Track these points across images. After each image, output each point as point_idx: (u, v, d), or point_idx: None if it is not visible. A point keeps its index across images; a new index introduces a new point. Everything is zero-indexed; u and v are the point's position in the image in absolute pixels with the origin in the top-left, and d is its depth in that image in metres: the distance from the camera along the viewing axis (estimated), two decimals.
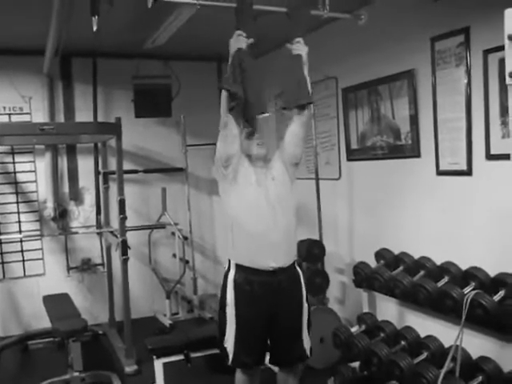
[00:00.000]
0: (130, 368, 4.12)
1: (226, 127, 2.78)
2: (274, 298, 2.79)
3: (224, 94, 2.76)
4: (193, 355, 3.61)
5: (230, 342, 2.83)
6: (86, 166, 5.39)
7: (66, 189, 5.35)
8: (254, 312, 2.78)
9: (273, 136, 5.04)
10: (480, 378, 2.85)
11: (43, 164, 5.15)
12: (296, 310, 2.91)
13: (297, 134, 2.94)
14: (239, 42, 2.79)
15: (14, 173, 5.12)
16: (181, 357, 3.59)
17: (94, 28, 3.02)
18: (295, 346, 2.91)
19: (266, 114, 3.18)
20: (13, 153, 5.10)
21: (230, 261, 2.91)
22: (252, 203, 2.80)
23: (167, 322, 5.21)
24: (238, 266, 2.84)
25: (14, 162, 5.12)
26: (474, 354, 3.03)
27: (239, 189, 2.83)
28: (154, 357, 3.55)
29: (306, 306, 2.95)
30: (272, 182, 2.85)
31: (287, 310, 2.86)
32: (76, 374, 3.78)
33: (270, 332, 2.87)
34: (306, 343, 2.95)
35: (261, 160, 2.91)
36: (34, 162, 5.19)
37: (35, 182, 5.19)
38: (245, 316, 2.79)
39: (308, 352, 2.97)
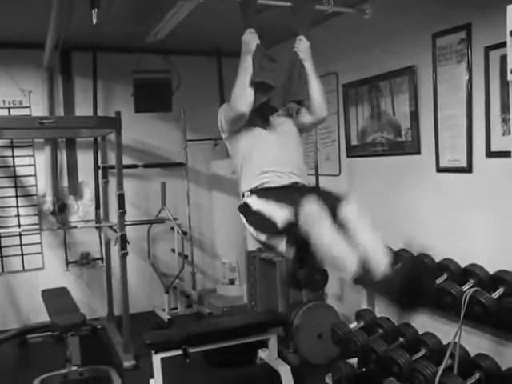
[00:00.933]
0: (128, 363, 4.12)
1: (239, 121, 2.78)
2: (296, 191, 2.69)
3: (251, 88, 2.74)
4: (191, 350, 3.61)
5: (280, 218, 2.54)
6: (85, 160, 5.38)
7: (65, 183, 5.34)
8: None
9: None
10: (478, 376, 2.85)
11: (42, 158, 5.14)
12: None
13: (305, 123, 3.04)
14: (254, 38, 2.81)
15: (14, 166, 5.11)
16: (179, 352, 3.59)
17: (94, 21, 3.01)
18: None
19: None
20: (12, 146, 5.09)
21: (244, 194, 2.82)
22: (261, 141, 2.84)
23: (166, 316, 5.21)
24: (256, 190, 2.76)
25: (13, 156, 5.11)
26: (472, 351, 3.03)
27: (247, 134, 2.85)
28: (153, 351, 3.55)
29: None
30: (279, 126, 2.92)
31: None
32: (74, 368, 3.79)
33: None
34: None
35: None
36: (33, 155, 5.18)
37: (34, 175, 5.19)
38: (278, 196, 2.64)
39: None
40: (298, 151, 2.96)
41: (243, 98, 2.72)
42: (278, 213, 2.50)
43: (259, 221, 2.61)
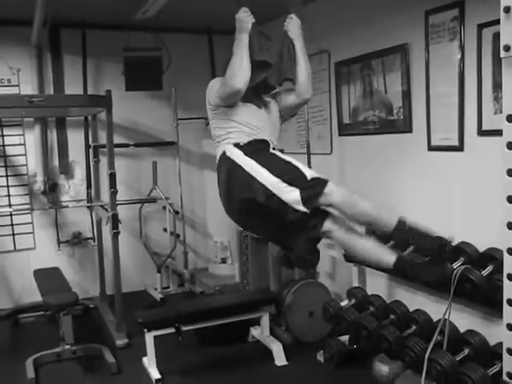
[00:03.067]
0: (120, 341, 4.14)
1: (234, 97, 2.78)
2: None
3: (248, 66, 2.73)
4: (184, 328, 3.64)
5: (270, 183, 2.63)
6: (76, 139, 5.33)
7: (55, 162, 5.30)
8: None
9: None
10: (467, 351, 2.89)
11: (32, 137, 5.10)
12: None
13: (290, 105, 3.05)
14: (249, 16, 2.79)
15: (3, 146, 5.06)
16: (172, 330, 3.62)
17: None
18: None
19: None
20: (1, 126, 5.03)
21: (225, 151, 2.87)
22: (250, 113, 2.89)
23: (158, 295, 5.23)
24: (238, 144, 2.83)
25: (2, 135, 5.05)
26: (462, 327, 3.08)
27: (237, 107, 2.88)
28: (145, 330, 3.58)
29: None
30: (268, 106, 3.02)
31: None
32: (67, 347, 3.81)
33: None
34: None
35: None
36: (23, 135, 5.13)
37: (25, 155, 5.14)
38: (263, 158, 2.74)
39: None
40: (277, 133, 3.06)
41: (240, 75, 2.70)
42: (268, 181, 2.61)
43: (248, 186, 2.68)
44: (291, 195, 2.57)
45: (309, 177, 2.62)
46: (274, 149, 2.87)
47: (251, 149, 2.76)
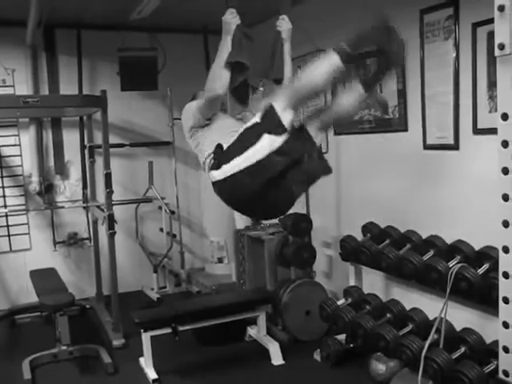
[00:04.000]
0: (117, 341, 4.14)
1: (215, 103, 2.75)
2: None
3: (227, 69, 2.70)
4: (180, 328, 3.64)
5: None
6: (71, 139, 5.32)
7: (51, 163, 5.29)
8: None
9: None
10: (463, 349, 2.90)
11: (28, 138, 5.08)
12: None
13: None
14: (235, 18, 2.78)
15: None
16: (168, 330, 3.62)
17: None
18: None
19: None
20: None
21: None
22: (227, 130, 2.69)
23: (155, 295, 5.22)
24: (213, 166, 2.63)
25: None
26: (458, 325, 3.08)
27: (214, 126, 2.79)
28: (142, 330, 3.58)
29: None
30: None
31: None
32: (64, 347, 3.80)
33: None
34: None
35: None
36: (18, 135, 5.11)
37: (20, 156, 5.13)
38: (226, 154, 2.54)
39: None
40: None
41: (218, 80, 2.69)
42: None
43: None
44: (263, 144, 2.33)
45: (259, 120, 2.39)
46: None
47: (218, 155, 2.60)
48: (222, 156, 2.55)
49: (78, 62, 5.26)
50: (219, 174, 2.52)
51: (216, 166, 2.56)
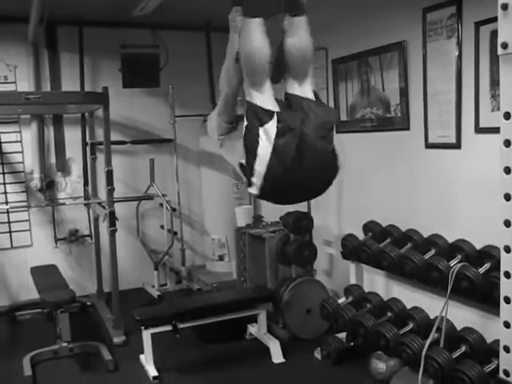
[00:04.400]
0: (118, 339, 4.14)
1: (228, 102, 2.75)
2: None
3: (236, 68, 2.69)
4: (181, 326, 3.64)
5: None
6: (73, 136, 5.32)
7: (52, 160, 5.29)
8: None
9: None
10: (464, 349, 2.90)
11: (29, 134, 5.08)
12: None
13: None
14: (240, 17, 2.79)
15: (0, 143, 5.05)
16: (169, 327, 3.62)
17: None
18: None
19: None
20: None
21: None
22: None
23: (155, 293, 5.23)
24: None
25: None
26: (459, 324, 3.08)
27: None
28: (142, 327, 3.58)
29: None
30: None
31: None
32: (64, 344, 3.81)
33: None
34: None
35: None
36: (19, 132, 5.11)
37: (21, 152, 5.13)
38: None
39: None
40: None
41: (227, 79, 2.71)
42: None
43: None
44: (262, 139, 2.23)
45: (246, 122, 2.33)
46: None
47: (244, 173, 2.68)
48: (246, 172, 2.59)
49: (80, 59, 5.25)
50: (254, 189, 2.56)
51: (248, 183, 2.60)
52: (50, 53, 5.18)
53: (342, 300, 3.72)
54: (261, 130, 2.25)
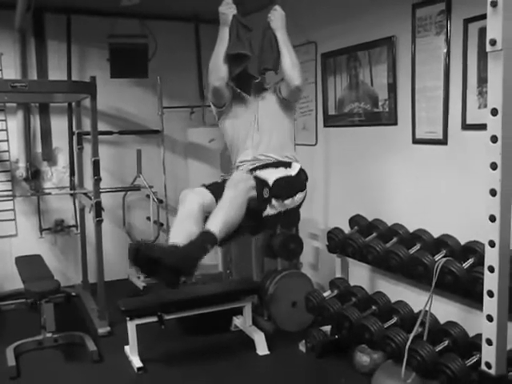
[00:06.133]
0: (102, 329, 4.13)
1: (215, 95, 2.87)
2: None
3: (224, 61, 2.80)
4: (166, 317, 3.64)
5: None
6: (59, 126, 5.28)
7: (38, 149, 5.25)
8: None
9: None
10: (446, 342, 2.93)
11: (15, 123, 5.03)
12: None
13: (286, 93, 3.07)
14: (232, 8, 2.84)
15: None
16: (154, 319, 3.62)
17: None
18: None
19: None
20: None
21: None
22: (241, 125, 3.05)
23: (141, 284, 5.21)
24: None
25: None
26: (442, 319, 3.11)
27: (229, 117, 3.06)
28: (127, 318, 3.57)
29: None
30: (261, 102, 3.09)
31: None
32: (49, 334, 3.79)
33: None
34: None
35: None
36: (5, 120, 5.05)
37: (7, 141, 5.07)
38: None
39: None
40: (278, 128, 3.10)
41: (215, 72, 2.79)
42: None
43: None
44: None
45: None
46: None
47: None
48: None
49: (68, 48, 5.20)
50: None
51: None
52: (36, 41, 5.12)
53: (327, 293, 3.73)
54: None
